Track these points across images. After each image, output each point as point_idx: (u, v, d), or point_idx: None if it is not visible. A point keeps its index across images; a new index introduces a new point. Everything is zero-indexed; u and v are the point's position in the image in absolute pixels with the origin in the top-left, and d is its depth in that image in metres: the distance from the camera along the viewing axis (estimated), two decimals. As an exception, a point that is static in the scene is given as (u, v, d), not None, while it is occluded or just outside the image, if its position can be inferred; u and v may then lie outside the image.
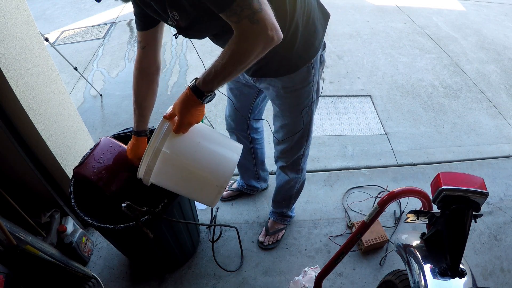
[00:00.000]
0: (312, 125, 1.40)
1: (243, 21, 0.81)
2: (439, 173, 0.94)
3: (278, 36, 0.86)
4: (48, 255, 1.38)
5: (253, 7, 0.80)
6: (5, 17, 1.22)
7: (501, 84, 3.11)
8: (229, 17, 0.83)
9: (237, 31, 0.84)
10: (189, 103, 0.95)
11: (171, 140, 1.00)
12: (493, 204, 2.05)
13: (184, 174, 1.07)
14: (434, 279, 0.94)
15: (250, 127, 1.64)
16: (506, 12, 4.52)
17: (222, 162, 1.07)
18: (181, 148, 1.03)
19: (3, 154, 1.41)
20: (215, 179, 1.05)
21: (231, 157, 1.09)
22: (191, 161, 1.04)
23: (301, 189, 1.73)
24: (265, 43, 0.85)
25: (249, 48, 0.85)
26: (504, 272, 1.72)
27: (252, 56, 0.87)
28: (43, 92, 1.45)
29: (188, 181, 1.09)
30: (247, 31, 0.83)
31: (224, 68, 0.89)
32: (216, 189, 1.05)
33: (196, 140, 1.05)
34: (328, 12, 1.20)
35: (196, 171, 1.06)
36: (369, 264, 1.74)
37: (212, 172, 1.05)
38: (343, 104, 2.84)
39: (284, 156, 1.50)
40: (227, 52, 0.87)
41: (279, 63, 1.14)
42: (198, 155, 1.05)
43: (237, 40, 0.85)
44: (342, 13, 4.30)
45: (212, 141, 1.12)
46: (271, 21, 0.83)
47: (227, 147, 1.13)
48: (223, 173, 1.05)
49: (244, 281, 1.68)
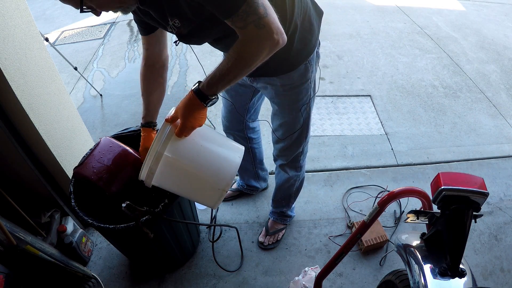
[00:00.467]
0: (310, 122, 1.41)
1: (248, 26, 0.82)
2: (439, 173, 0.94)
3: (283, 39, 0.87)
4: (48, 255, 1.38)
5: (258, 12, 0.81)
6: (5, 17, 1.22)
7: (501, 84, 3.11)
8: (234, 22, 0.83)
9: (242, 36, 0.85)
10: (192, 107, 0.95)
11: (173, 143, 1.00)
12: (493, 204, 2.05)
13: (186, 177, 1.07)
14: (434, 279, 0.94)
15: (246, 127, 1.64)
16: (506, 12, 4.52)
17: (224, 165, 1.07)
18: (183, 151, 1.02)
19: (3, 154, 1.41)
20: (217, 182, 1.05)
21: (233, 159, 1.09)
22: (193, 164, 1.04)
23: (301, 187, 1.74)
24: (271, 47, 0.86)
25: (255, 52, 0.86)
26: (504, 272, 1.72)
27: (258, 60, 0.87)
28: (43, 92, 1.45)
29: (190, 184, 1.09)
30: (253, 36, 0.83)
31: (229, 71, 0.89)
32: (218, 192, 1.05)
33: (199, 143, 1.05)
34: (321, 9, 1.21)
35: (198, 174, 1.06)
36: (369, 264, 1.74)
37: (214, 175, 1.05)
38: (343, 104, 2.84)
39: (284, 154, 1.51)
40: (233, 56, 0.87)
41: (278, 62, 1.14)
42: (200, 158, 1.05)
43: (243, 44, 0.85)
44: (342, 13, 4.30)
45: (214, 143, 1.11)
46: (276, 25, 0.84)
47: (229, 149, 1.13)
48: (225, 177, 1.05)
49: (244, 281, 1.68)
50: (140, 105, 1.31)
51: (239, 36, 0.85)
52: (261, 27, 0.82)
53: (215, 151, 1.10)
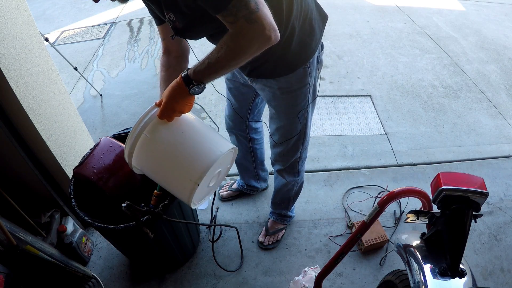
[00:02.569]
0: (309, 128, 1.39)
1: (239, 21, 0.81)
2: (439, 173, 0.94)
3: (276, 36, 0.86)
4: (48, 255, 1.38)
5: (249, 7, 0.80)
6: (5, 17, 1.22)
7: (501, 84, 3.11)
8: (225, 17, 0.83)
9: (233, 30, 0.84)
10: (176, 90, 0.95)
11: (155, 125, 0.99)
12: (493, 204, 2.05)
13: (162, 161, 1.04)
14: (434, 279, 0.94)
15: (249, 127, 1.64)
16: (506, 12, 4.52)
17: (200, 156, 1.02)
18: (163, 135, 1.01)
19: (3, 154, 1.41)
20: (190, 173, 1.00)
21: (211, 153, 1.03)
22: (169, 149, 1.02)
23: (300, 191, 1.73)
24: (262, 42, 0.85)
25: (244, 46, 0.85)
26: (504, 272, 1.72)
27: (247, 54, 0.87)
28: (43, 92, 1.45)
29: (165, 171, 1.06)
30: (244, 30, 0.83)
31: (217, 61, 0.89)
32: (191, 184, 0.99)
33: (181, 129, 1.03)
34: (326, 14, 1.19)
35: (173, 160, 1.03)
36: (369, 264, 1.74)
37: (189, 165, 1.01)
38: (343, 104, 2.84)
39: (281, 160, 1.50)
40: (223, 46, 0.87)
41: (275, 64, 1.13)
42: (177, 145, 1.02)
43: (234, 37, 0.85)
44: (342, 13, 4.30)
45: (198, 133, 1.07)
46: (268, 20, 0.83)
47: (212, 142, 1.08)
48: (199, 168, 1.00)
49: (244, 281, 1.68)
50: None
51: (229, 30, 0.85)
52: (252, 22, 0.81)
53: (196, 141, 1.06)
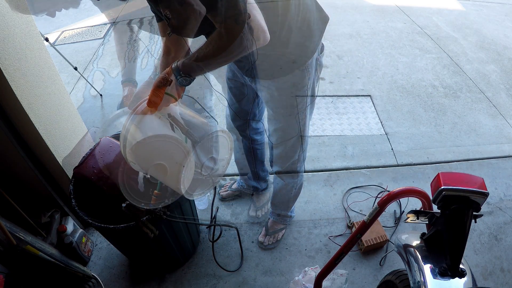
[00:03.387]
0: (307, 130, 1.39)
1: (227, 21, 0.82)
2: (439, 173, 0.93)
3: (265, 37, 0.87)
4: (48, 255, 1.38)
5: (238, 8, 0.81)
6: (5, 17, 1.22)
7: (501, 84, 3.10)
8: (214, 17, 0.83)
9: (222, 29, 0.85)
10: (165, 78, 0.96)
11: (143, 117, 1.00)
12: (493, 204, 2.05)
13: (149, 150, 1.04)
14: (434, 279, 0.94)
15: (249, 127, 1.64)
16: (506, 12, 4.52)
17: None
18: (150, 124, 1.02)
19: (3, 154, 1.41)
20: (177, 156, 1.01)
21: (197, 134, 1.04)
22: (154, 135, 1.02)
23: (299, 192, 1.73)
24: (249, 43, 0.86)
25: (231, 46, 0.86)
26: (504, 272, 1.72)
27: (233, 53, 0.88)
28: (43, 92, 1.45)
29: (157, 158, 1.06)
30: (232, 30, 0.83)
31: (205, 56, 0.90)
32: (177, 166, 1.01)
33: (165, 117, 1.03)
34: (327, 15, 1.18)
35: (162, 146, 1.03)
36: (369, 264, 1.74)
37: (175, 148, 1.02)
38: (343, 104, 2.84)
39: (279, 162, 1.50)
40: (211, 43, 0.87)
41: (272, 65, 1.13)
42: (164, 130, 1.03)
43: (221, 36, 0.86)
44: (342, 13, 4.29)
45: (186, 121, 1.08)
46: (257, 22, 0.84)
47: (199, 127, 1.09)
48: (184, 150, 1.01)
49: (244, 281, 1.68)
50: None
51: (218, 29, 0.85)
52: (240, 23, 0.82)
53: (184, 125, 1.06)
